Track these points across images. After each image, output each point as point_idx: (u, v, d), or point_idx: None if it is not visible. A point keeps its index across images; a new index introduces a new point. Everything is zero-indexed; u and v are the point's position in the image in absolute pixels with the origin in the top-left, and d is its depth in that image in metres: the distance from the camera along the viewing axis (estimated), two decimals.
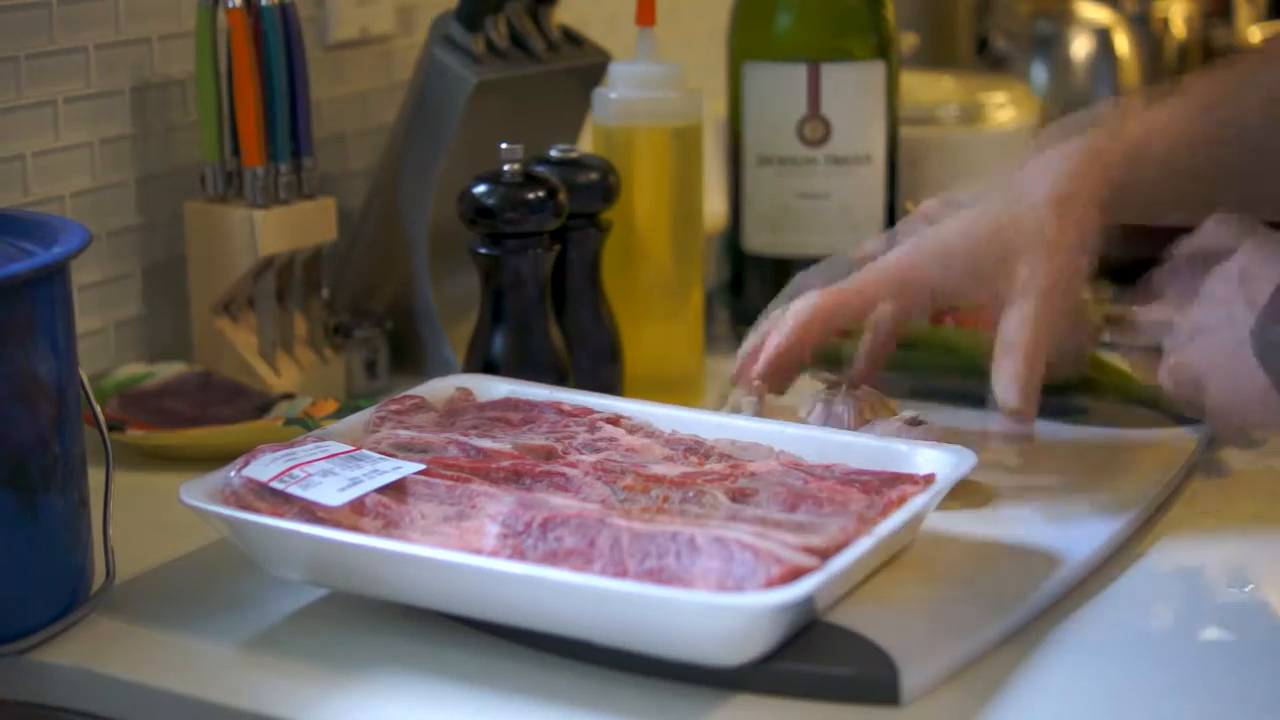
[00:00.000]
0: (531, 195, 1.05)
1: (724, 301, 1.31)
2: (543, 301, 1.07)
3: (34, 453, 0.80)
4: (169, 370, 1.14)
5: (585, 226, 1.11)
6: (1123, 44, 1.93)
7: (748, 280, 1.28)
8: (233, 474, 0.86)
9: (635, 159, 1.14)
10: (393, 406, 0.96)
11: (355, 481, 0.84)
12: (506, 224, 1.05)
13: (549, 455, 0.90)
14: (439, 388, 0.99)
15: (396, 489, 0.85)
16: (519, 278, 1.06)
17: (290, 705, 0.77)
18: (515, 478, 0.87)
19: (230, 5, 1.11)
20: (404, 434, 0.92)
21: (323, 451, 0.88)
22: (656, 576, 0.76)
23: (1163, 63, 2.01)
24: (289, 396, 1.11)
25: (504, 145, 1.06)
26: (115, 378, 1.13)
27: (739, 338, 1.05)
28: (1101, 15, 1.94)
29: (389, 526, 0.83)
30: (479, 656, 0.81)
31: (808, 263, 1.25)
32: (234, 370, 1.15)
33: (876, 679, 0.75)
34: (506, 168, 1.05)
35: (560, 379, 1.07)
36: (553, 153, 1.12)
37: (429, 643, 0.82)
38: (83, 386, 0.86)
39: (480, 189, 1.05)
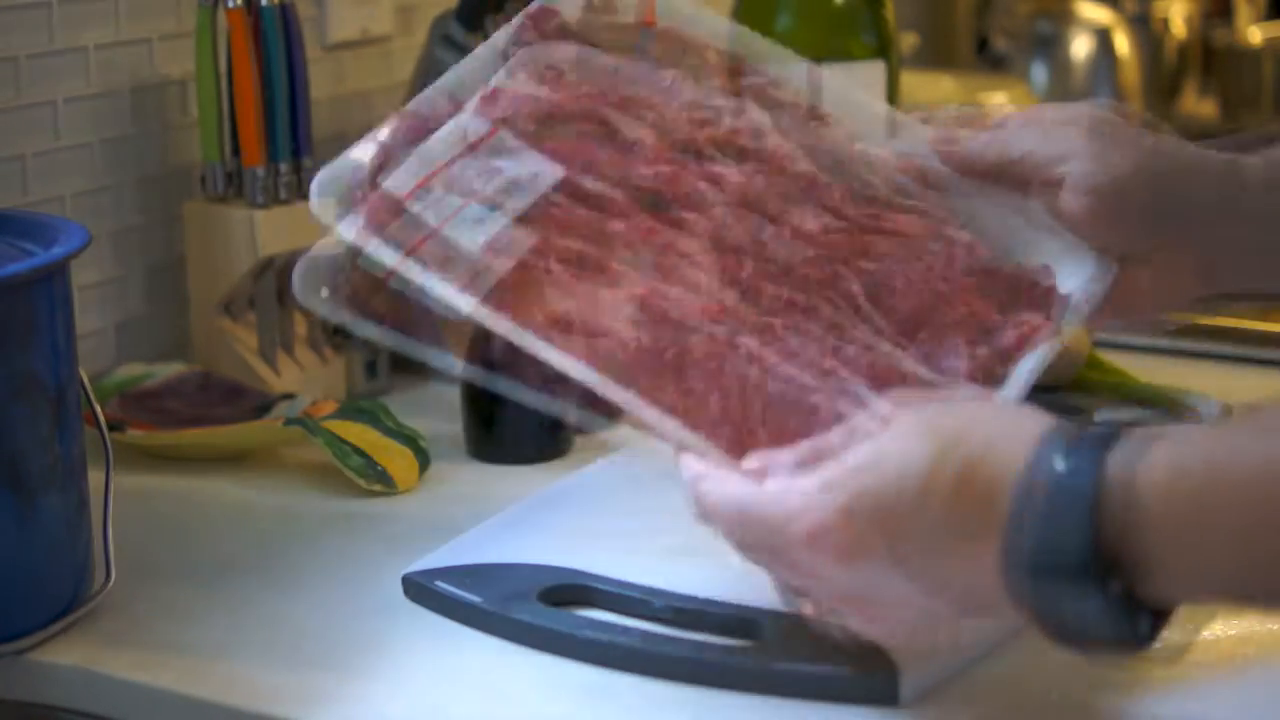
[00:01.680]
0: None
1: None
2: None
3: (34, 453, 0.80)
4: (169, 370, 1.14)
5: None
6: (1123, 44, 1.93)
7: None
8: (364, 173, 0.78)
9: None
10: (527, 35, 0.86)
11: (494, 208, 0.77)
12: None
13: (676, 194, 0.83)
14: None
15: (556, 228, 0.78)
16: None
17: (290, 705, 0.77)
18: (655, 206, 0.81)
19: (230, 5, 1.11)
20: (540, 95, 0.83)
21: (460, 139, 0.80)
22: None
23: (1163, 63, 2.01)
24: (289, 396, 1.11)
25: None
26: (115, 378, 1.13)
27: None
28: (1101, 15, 1.95)
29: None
30: (479, 656, 0.81)
31: None
32: (234, 370, 1.15)
33: (876, 679, 0.75)
34: None
35: (560, 379, 1.07)
36: None
37: (429, 642, 0.83)
38: (83, 386, 0.86)
39: None
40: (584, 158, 0.82)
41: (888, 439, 0.68)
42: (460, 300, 0.76)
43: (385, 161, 0.80)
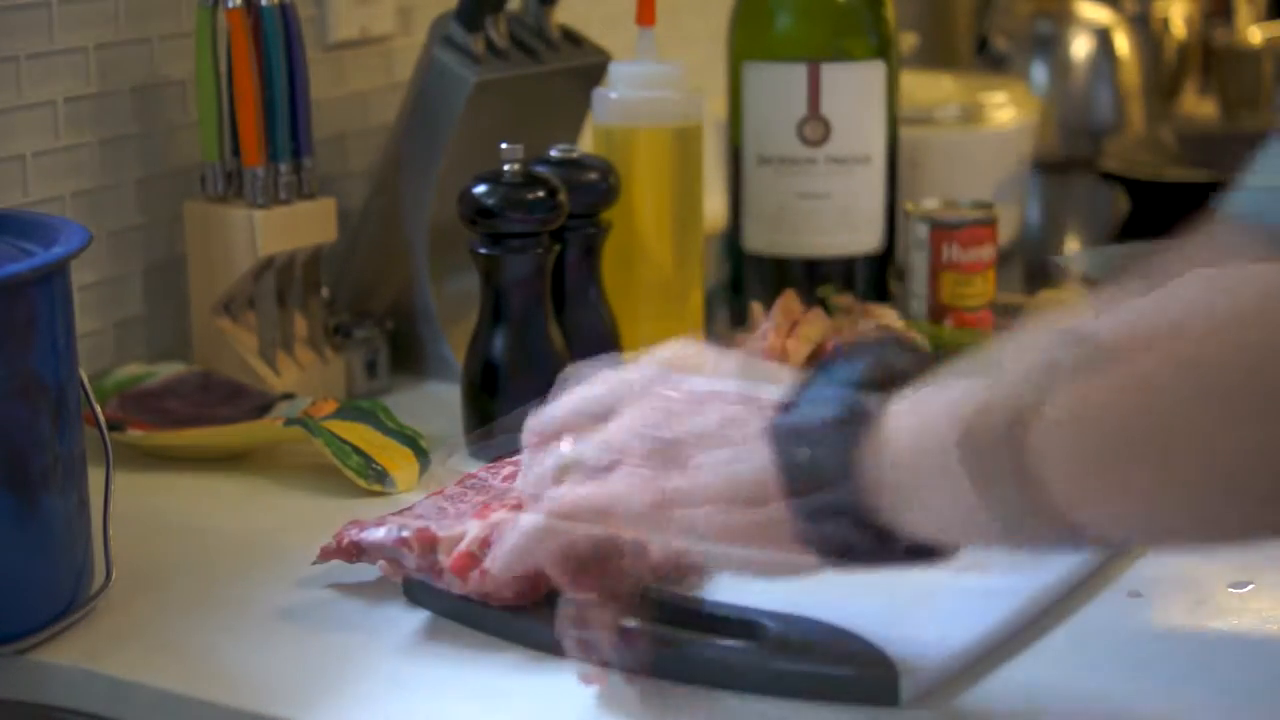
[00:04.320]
0: (531, 195, 1.05)
1: (724, 301, 1.31)
2: (543, 301, 1.06)
3: (34, 453, 0.80)
4: (169, 370, 1.14)
5: (585, 226, 1.11)
6: (1123, 44, 1.93)
7: (747, 280, 1.28)
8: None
9: (635, 159, 1.15)
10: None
11: None
12: (506, 224, 1.05)
13: None
14: None
15: None
16: (519, 278, 1.06)
17: (290, 705, 0.77)
18: None
19: (230, 5, 1.11)
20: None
21: None
22: None
23: (1163, 63, 2.01)
24: (289, 396, 1.11)
25: (504, 145, 1.06)
26: (115, 378, 1.13)
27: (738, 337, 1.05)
28: (1101, 15, 1.94)
29: None
30: (479, 656, 0.81)
31: (807, 263, 1.26)
32: (234, 370, 1.15)
33: (876, 679, 0.75)
34: (506, 168, 1.05)
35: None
36: (553, 153, 1.12)
37: (429, 642, 0.83)
38: (83, 386, 0.86)
39: (480, 189, 1.05)
40: None
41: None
42: None
43: None
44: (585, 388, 0.78)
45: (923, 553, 0.71)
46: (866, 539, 0.69)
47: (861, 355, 0.71)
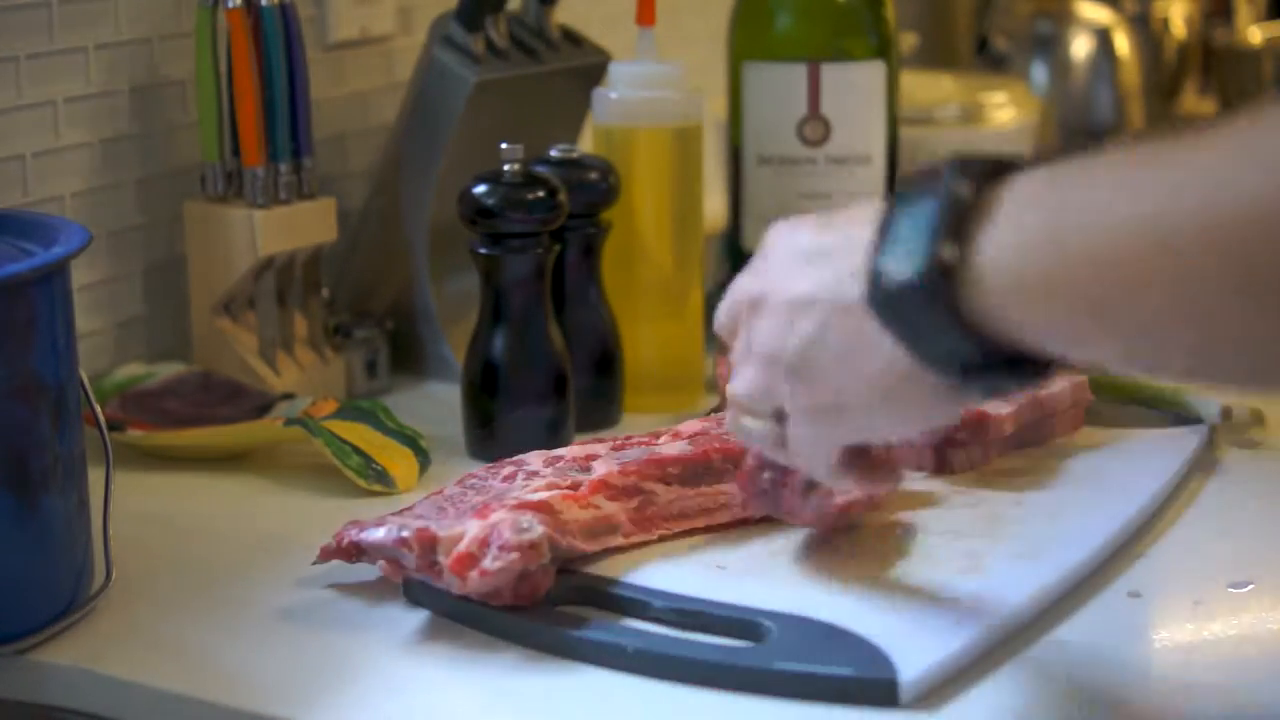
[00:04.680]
0: (531, 195, 1.05)
1: None
2: (543, 301, 1.07)
3: (34, 453, 0.80)
4: (169, 370, 1.14)
5: (585, 226, 1.11)
6: (1123, 44, 1.93)
7: None
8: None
9: (635, 159, 1.15)
10: None
11: None
12: (506, 224, 1.05)
13: None
14: None
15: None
16: (519, 278, 1.06)
17: (290, 705, 0.77)
18: None
19: (230, 5, 1.11)
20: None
21: None
22: None
23: (1163, 63, 2.01)
24: (289, 396, 1.11)
25: (504, 145, 1.06)
26: (115, 378, 1.13)
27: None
28: (1101, 15, 1.94)
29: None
30: (478, 655, 0.81)
31: None
32: (234, 370, 1.15)
33: (876, 679, 0.75)
34: (506, 168, 1.05)
35: (560, 379, 1.07)
36: (553, 153, 1.12)
37: (429, 642, 0.83)
38: (83, 386, 0.86)
39: (480, 189, 1.05)
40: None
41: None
42: None
43: None
44: (736, 281, 0.81)
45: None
46: (1007, 373, 0.69)
47: (926, 193, 0.69)
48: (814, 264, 0.75)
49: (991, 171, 0.68)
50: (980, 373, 0.69)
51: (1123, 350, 0.65)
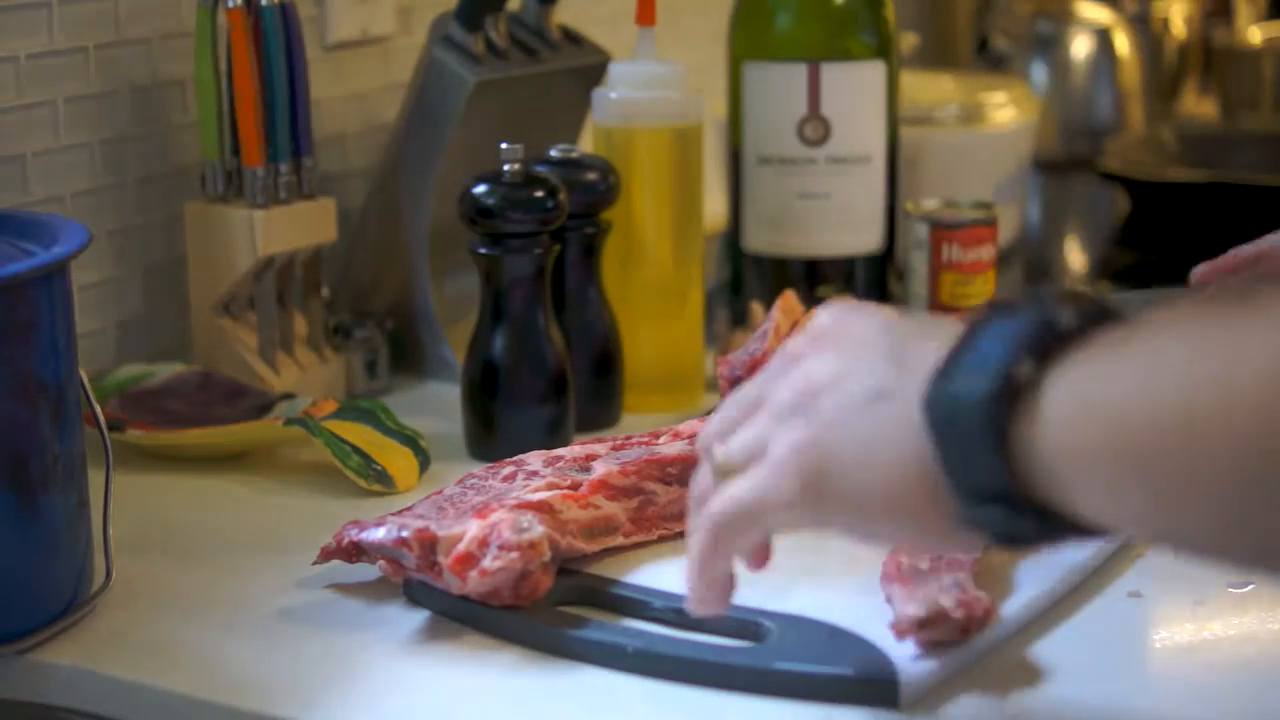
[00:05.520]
0: (531, 195, 1.05)
1: (724, 301, 1.31)
2: (543, 301, 1.07)
3: (34, 453, 0.80)
4: (169, 370, 1.14)
5: (585, 226, 1.11)
6: (1123, 44, 1.93)
7: (747, 280, 1.28)
8: None
9: (635, 159, 1.14)
10: None
11: None
12: (506, 224, 1.05)
13: None
14: None
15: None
16: (519, 278, 1.06)
17: (290, 705, 0.77)
18: None
19: (230, 5, 1.11)
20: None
21: None
22: None
23: (1163, 63, 2.01)
24: (289, 396, 1.11)
25: (504, 145, 1.06)
26: (115, 378, 1.13)
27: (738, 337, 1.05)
28: (1101, 15, 1.95)
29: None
30: (479, 656, 0.81)
31: (807, 263, 1.26)
32: (234, 370, 1.15)
33: (876, 679, 0.75)
34: (506, 168, 1.05)
35: (560, 379, 1.07)
36: (553, 153, 1.12)
37: (429, 642, 0.83)
38: (83, 386, 0.86)
39: (480, 189, 1.05)
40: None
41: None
42: None
43: None
44: (737, 392, 0.73)
45: (1091, 531, 0.64)
46: (1028, 523, 0.63)
47: (1021, 312, 0.63)
48: (877, 346, 0.68)
49: (1093, 311, 0.63)
50: (1004, 512, 0.63)
51: (1140, 520, 0.61)
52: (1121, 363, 0.61)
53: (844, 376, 0.68)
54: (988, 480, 0.63)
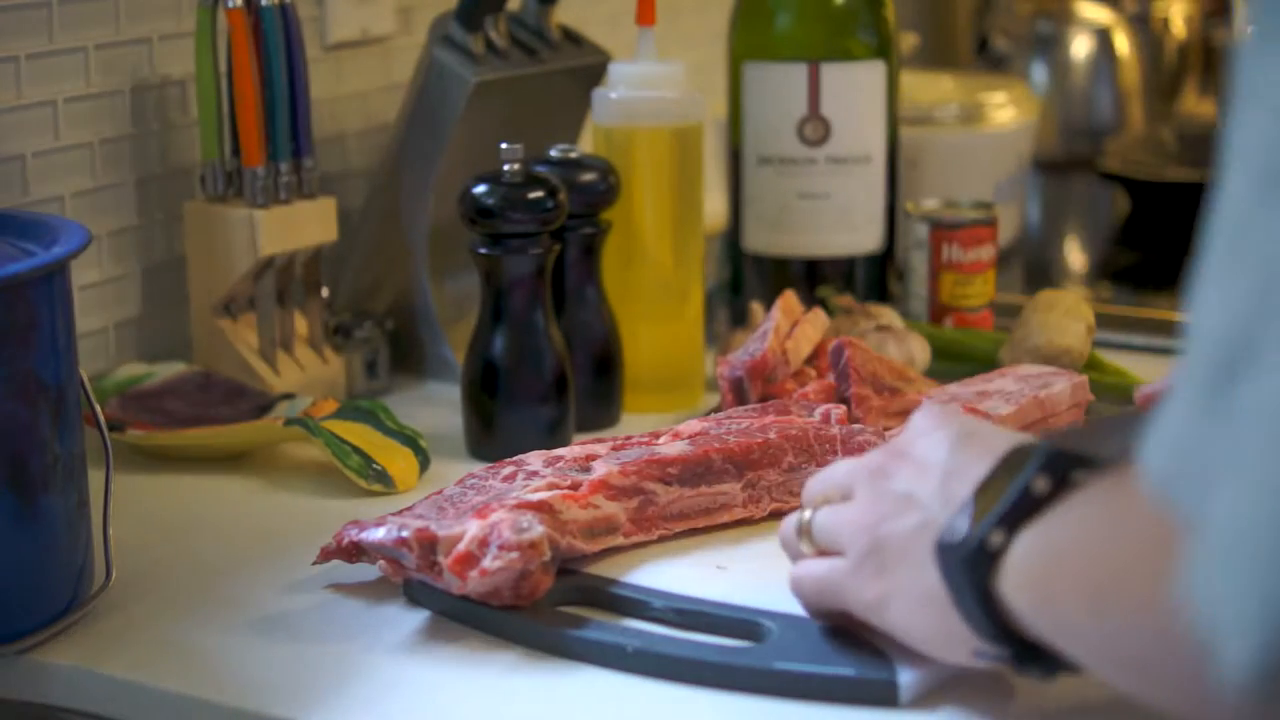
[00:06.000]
0: (531, 195, 1.05)
1: (724, 301, 1.31)
2: (543, 301, 1.07)
3: (34, 453, 0.80)
4: (169, 370, 1.14)
5: (585, 226, 1.11)
6: (1123, 44, 1.93)
7: (747, 280, 1.28)
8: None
9: (635, 159, 1.15)
10: None
11: None
12: (506, 224, 1.05)
13: None
14: None
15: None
16: (519, 278, 1.06)
17: (290, 705, 0.77)
18: None
19: (230, 5, 1.11)
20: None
21: None
22: None
23: (1163, 63, 2.01)
24: (289, 396, 1.11)
25: (504, 145, 1.06)
26: (115, 378, 1.13)
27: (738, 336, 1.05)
28: (1101, 15, 1.94)
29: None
30: (479, 656, 0.81)
31: (807, 263, 1.26)
32: (234, 370, 1.15)
33: (876, 679, 0.75)
34: (506, 168, 1.05)
35: (560, 379, 1.07)
36: (553, 153, 1.12)
37: (429, 642, 0.83)
38: (83, 386, 0.86)
39: (480, 189, 1.05)
40: None
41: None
42: None
43: None
44: (843, 463, 0.81)
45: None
46: (1031, 662, 0.70)
47: (1024, 468, 0.69)
48: (935, 474, 0.74)
49: (1065, 471, 0.68)
50: (1013, 650, 0.70)
51: (1089, 663, 0.66)
52: (1065, 529, 0.67)
53: (906, 503, 0.74)
54: (984, 625, 0.70)
